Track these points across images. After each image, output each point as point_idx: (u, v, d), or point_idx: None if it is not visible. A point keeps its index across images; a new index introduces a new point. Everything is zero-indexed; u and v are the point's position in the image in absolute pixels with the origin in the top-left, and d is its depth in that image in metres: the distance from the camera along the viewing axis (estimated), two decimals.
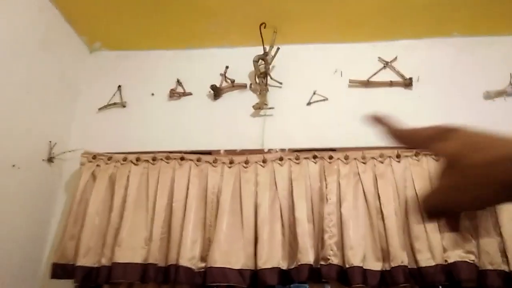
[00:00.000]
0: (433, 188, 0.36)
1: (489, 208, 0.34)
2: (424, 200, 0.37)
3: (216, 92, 1.94)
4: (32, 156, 1.67)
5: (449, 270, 1.39)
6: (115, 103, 1.98)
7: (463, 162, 0.32)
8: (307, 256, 1.43)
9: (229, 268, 1.43)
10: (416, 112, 1.82)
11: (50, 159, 1.75)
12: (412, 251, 1.43)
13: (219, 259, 1.45)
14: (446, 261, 1.41)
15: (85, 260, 1.51)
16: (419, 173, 1.56)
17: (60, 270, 1.52)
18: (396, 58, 1.95)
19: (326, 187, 1.56)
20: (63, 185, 1.83)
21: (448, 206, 0.35)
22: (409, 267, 1.40)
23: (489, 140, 0.33)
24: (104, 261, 1.50)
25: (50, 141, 1.76)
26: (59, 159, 1.80)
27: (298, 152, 1.68)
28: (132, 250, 1.50)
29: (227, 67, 2.00)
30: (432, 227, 1.44)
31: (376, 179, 1.56)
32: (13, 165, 1.53)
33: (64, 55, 1.92)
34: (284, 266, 1.46)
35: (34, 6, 1.70)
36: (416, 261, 1.42)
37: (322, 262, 1.42)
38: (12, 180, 1.53)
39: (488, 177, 0.31)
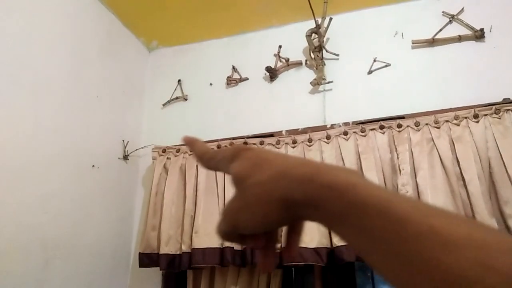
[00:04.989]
0: (224, 210, 0.35)
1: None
2: (217, 224, 0.36)
3: (272, 74, 1.92)
4: (109, 155, 1.79)
5: None
6: (177, 97, 2.05)
7: (247, 181, 0.32)
8: None
9: (305, 247, 1.43)
10: (492, 66, 1.64)
11: (126, 157, 1.87)
12: (502, 217, 1.31)
13: None
14: None
15: (168, 248, 1.60)
16: (502, 131, 1.42)
17: (146, 259, 1.63)
18: (463, 9, 1.77)
19: (398, 158, 1.48)
20: (139, 180, 1.95)
21: (238, 227, 0.33)
22: None
23: (273, 158, 0.33)
24: (184, 248, 1.58)
25: (123, 140, 1.87)
26: (133, 156, 1.91)
27: (363, 124, 1.61)
28: (208, 236, 1.56)
29: (280, 47, 1.96)
30: None
31: (453, 143, 1.44)
32: (93, 166, 1.66)
33: (126, 58, 2.02)
34: None
35: (94, 15, 1.79)
36: (508, 228, 1.30)
37: None
38: (94, 179, 1.66)
39: (268, 194, 0.30)
